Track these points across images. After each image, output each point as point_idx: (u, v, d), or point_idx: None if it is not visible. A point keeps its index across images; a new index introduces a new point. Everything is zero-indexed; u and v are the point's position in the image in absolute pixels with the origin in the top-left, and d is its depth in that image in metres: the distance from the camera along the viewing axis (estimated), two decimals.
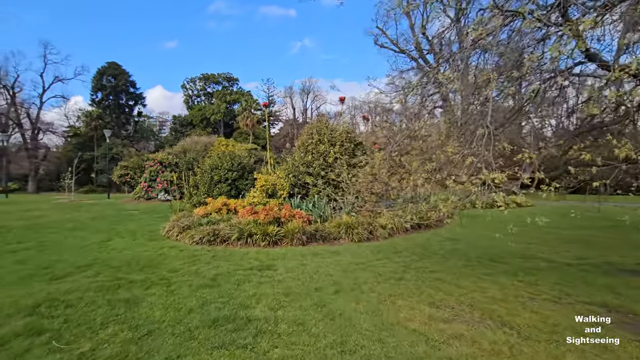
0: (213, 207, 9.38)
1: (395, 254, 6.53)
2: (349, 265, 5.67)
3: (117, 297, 3.88)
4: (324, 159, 9.78)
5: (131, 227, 9.55)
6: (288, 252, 6.61)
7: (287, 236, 7.50)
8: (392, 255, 6.40)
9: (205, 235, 7.32)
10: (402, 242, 7.96)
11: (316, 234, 7.79)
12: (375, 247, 7.31)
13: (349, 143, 9.96)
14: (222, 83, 56.26)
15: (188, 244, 7.27)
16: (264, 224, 7.68)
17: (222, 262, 5.69)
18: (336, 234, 8.07)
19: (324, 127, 10.47)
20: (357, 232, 8.06)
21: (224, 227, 7.69)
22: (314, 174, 9.78)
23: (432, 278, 4.94)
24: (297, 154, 10.54)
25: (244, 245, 7.17)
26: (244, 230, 7.36)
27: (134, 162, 21.17)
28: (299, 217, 8.07)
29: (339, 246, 7.41)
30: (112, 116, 57.42)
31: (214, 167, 10.91)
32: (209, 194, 10.71)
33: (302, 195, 10.01)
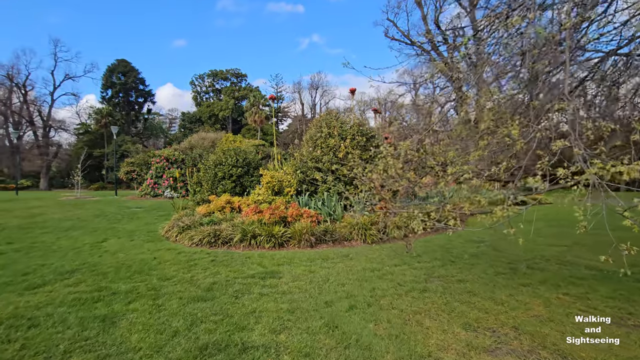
0: (216, 205, 8.81)
1: (415, 259, 5.85)
2: (364, 272, 5.01)
3: (92, 314, 3.30)
4: (334, 153, 9.11)
5: (131, 227, 9.05)
6: (295, 256, 5.98)
7: (294, 237, 6.88)
8: (411, 260, 5.72)
9: (205, 237, 6.74)
10: (420, 244, 7.25)
11: (326, 235, 7.15)
12: (390, 249, 6.63)
13: (361, 136, 9.27)
14: (231, 79, 55.92)
15: (187, 246, 6.70)
16: (269, 224, 7.07)
17: (221, 268, 5.09)
18: (347, 235, 7.42)
19: (333, 120, 9.79)
20: (370, 233, 7.40)
21: (226, 227, 7.10)
22: (323, 169, 9.12)
23: (461, 289, 4.25)
24: (305, 149, 9.89)
25: (246, 248, 6.57)
26: (247, 231, 6.76)
27: (140, 158, 20.81)
28: (307, 217, 7.44)
29: (350, 249, 6.75)
30: (122, 113, 57.68)
31: (217, 163, 10.35)
32: (213, 192, 10.16)
33: (310, 192, 9.37)
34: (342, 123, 9.69)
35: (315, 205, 8.85)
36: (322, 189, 9.12)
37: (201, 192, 10.54)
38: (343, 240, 7.33)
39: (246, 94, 51.12)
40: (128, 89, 57.40)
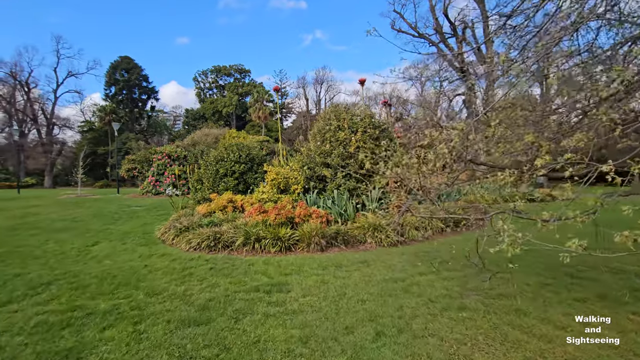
0: (217, 204, 8.15)
1: (441, 265, 5.13)
2: (385, 283, 4.31)
3: (54, 348, 2.63)
4: (344, 148, 8.39)
5: (126, 228, 8.42)
6: (304, 262, 5.29)
7: (302, 240, 6.19)
8: (438, 267, 5.00)
9: (204, 240, 6.08)
10: (443, 247, 6.53)
11: (337, 238, 6.45)
12: (411, 253, 5.92)
13: (373, 129, 8.53)
14: (234, 75, 55.25)
15: (184, 250, 6.04)
16: (274, 225, 6.38)
17: (220, 279, 4.41)
18: (361, 237, 6.71)
19: (343, 112, 9.05)
20: (386, 235, 6.68)
21: (228, 229, 6.42)
22: (332, 165, 8.41)
23: (507, 307, 3.53)
24: (312, 143, 9.18)
25: (250, 252, 5.89)
26: (250, 233, 6.08)
27: (141, 155, 20.24)
28: (316, 217, 6.74)
29: (365, 253, 6.05)
30: (125, 110, 57.32)
31: (219, 159, 9.68)
32: (214, 189, 9.50)
33: (318, 190, 8.67)
34: (353, 115, 8.95)
35: (324, 204, 8.15)
36: (331, 186, 8.42)
37: (202, 190, 9.89)
38: (356, 243, 6.63)
39: (250, 90, 50.39)
40: (131, 86, 56.99)
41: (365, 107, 9.11)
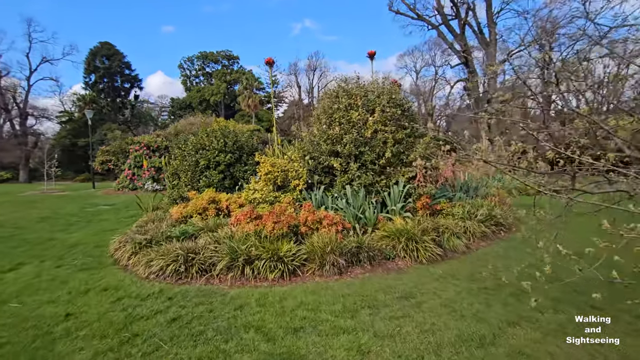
0: (195, 206, 6.25)
1: (522, 296, 3.39)
2: (466, 345, 2.54)
3: None
4: (359, 131, 6.54)
5: (76, 237, 6.48)
6: (320, 299, 3.49)
7: (312, 259, 4.39)
8: (520, 299, 3.27)
9: (171, 262, 4.21)
10: (498, 261, 4.82)
11: (360, 253, 4.66)
12: (464, 276, 4.19)
13: (394, 108, 6.69)
14: (222, 62, 52.45)
15: (141, 278, 4.18)
16: (272, 238, 4.54)
17: (183, 346, 2.58)
18: (390, 251, 4.94)
19: (355, 87, 7.18)
20: (424, 247, 4.92)
21: (207, 243, 4.57)
22: (343, 153, 6.57)
23: None
24: (316, 126, 7.31)
25: (237, 281, 4.06)
26: (238, 251, 4.24)
27: (116, 146, 18.03)
28: (328, 224, 4.92)
29: (401, 276, 4.29)
30: (107, 100, 54.12)
31: (199, 147, 7.75)
32: (193, 186, 7.59)
33: (325, 185, 6.85)
34: (367, 91, 7.09)
35: (334, 204, 6.34)
36: (341, 180, 6.60)
37: (179, 186, 7.98)
38: (384, 260, 4.85)
39: (239, 77, 47.68)
40: (113, 73, 53.78)
41: (384, 79, 7.22)
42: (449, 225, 5.75)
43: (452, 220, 6.11)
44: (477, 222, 6.32)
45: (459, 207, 6.81)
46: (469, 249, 5.63)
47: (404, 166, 6.77)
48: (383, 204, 6.53)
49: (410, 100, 7.03)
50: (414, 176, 6.73)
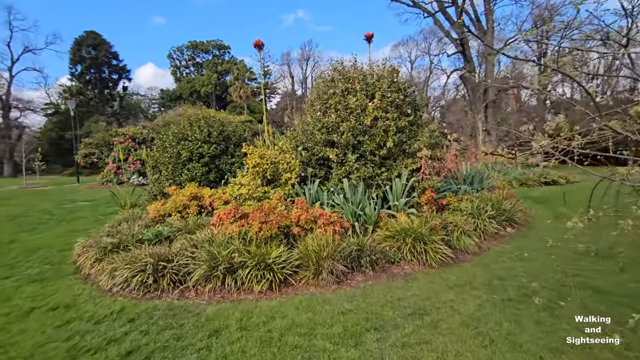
0: (174, 203, 5.57)
1: (560, 308, 2.82)
2: None
3: None
4: (357, 119, 5.88)
5: (41, 240, 5.78)
6: (316, 318, 2.87)
7: (306, 265, 3.76)
8: (561, 319, 2.68)
9: (139, 271, 3.54)
10: (518, 265, 4.24)
11: (361, 257, 4.04)
12: (481, 282, 3.60)
13: (396, 92, 6.03)
14: (213, 52, 51.08)
15: (103, 291, 3.52)
16: (259, 241, 3.90)
17: None
18: (394, 254, 4.33)
19: (351, 70, 6.49)
20: (433, 248, 4.32)
21: (182, 249, 3.91)
22: (340, 144, 5.92)
23: None
24: (309, 114, 6.62)
25: (217, 294, 3.42)
26: (218, 257, 3.58)
27: (99, 138, 17.12)
28: (325, 223, 4.28)
29: (409, 284, 3.69)
30: (94, 92, 52.58)
31: (181, 137, 7.03)
32: (175, 180, 6.90)
33: (320, 178, 6.20)
34: (365, 75, 6.40)
35: (330, 199, 5.70)
36: (338, 173, 5.95)
37: (159, 180, 7.28)
38: (388, 264, 4.25)
39: (230, 67, 46.47)
40: (100, 64, 52.18)
41: (385, 60, 6.53)
42: (458, 223, 5.15)
43: (460, 217, 5.52)
44: (488, 219, 5.75)
45: (467, 201, 6.22)
46: (480, 248, 5.06)
47: (406, 157, 6.14)
48: (384, 199, 5.91)
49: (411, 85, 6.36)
50: (417, 168, 6.12)
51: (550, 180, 14.19)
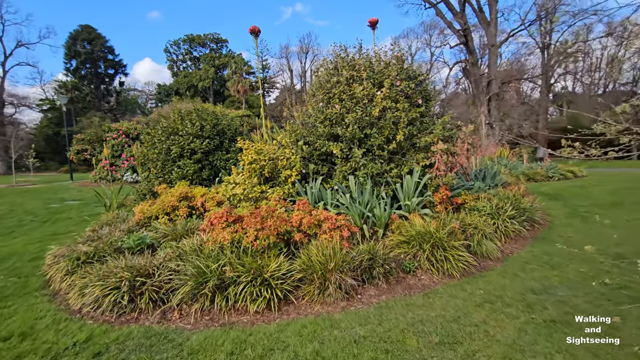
0: (162, 204, 5.02)
1: (618, 331, 2.29)
2: None
3: None
4: (364, 110, 5.31)
5: (13, 245, 5.23)
6: (321, 350, 2.34)
7: (310, 279, 3.22)
8: (626, 345, 2.16)
9: (114, 289, 3.00)
10: (550, 274, 3.71)
11: (372, 268, 3.50)
12: (515, 298, 3.07)
13: (407, 80, 5.45)
14: (210, 45, 50.18)
15: (72, 311, 2.99)
16: (256, 250, 3.36)
17: None
18: (410, 263, 3.80)
19: (357, 57, 5.90)
20: (454, 255, 3.78)
21: (166, 259, 3.37)
22: (345, 137, 5.36)
23: None
24: (311, 105, 6.05)
25: (206, 316, 2.88)
26: (206, 272, 3.04)
27: (91, 134, 16.50)
28: (330, 227, 3.73)
29: (430, 299, 3.15)
30: (90, 87, 51.77)
31: (171, 132, 6.47)
32: (165, 178, 6.34)
33: (323, 176, 5.65)
34: (371, 62, 5.82)
35: (334, 199, 5.16)
36: (342, 169, 5.41)
37: (149, 178, 6.72)
38: (403, 275, 3.71)
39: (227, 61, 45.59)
40: (95, 58, 51.32)
41: (394, 45, 5.93)
42: (478, 225, 4.61)
43: (478, 217, 4.98)
44: (508, 219, 5.22)
45: (484, 199, 5.68)
46: (503, 254, 4.53)
47: (417, 152, 5.58)
48: (393, 197, 5.37)
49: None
50: (430, 164, 5.56)
51: (559, 175, 13.67)
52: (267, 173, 5.26)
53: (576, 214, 6.94)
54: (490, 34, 26.09)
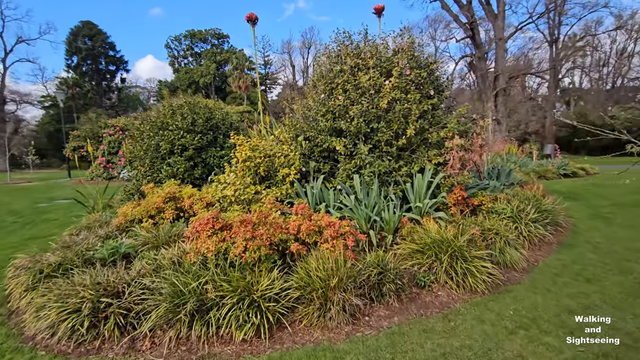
0: (147, 205, 4.52)
1: None
2: None
3: None
4: (370, 101, 4.77)
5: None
6: None
7: (308, 299, 2.71)
8: None
9: (72, 313, 2.50)
10: (587, 289, 3.19)
11: (382, 284, 2.99)
12: (552, 318, 2.53)
13: (418, 69, 4.91)
14: (211, 41, 49.58)
15: (26, 338, 2.51)
16: (245, 263, 2.85)
17: None
18: (422, 275, 3.28)
19: (363, 46, 5.35)
20: (477, 266, 3.26)
21: (139, 274, 2.87)
22: (349, 132, 4.83)
23: None
24: (311, 97, 5.53)
25: (181, 345, 2.38)
26: (184, 291, 2.54)
27: (87, 130, 16.07)
28: (333, 235, 3.21)
29: (452, 323, 2.64)
30: (91, 84, 51.39)
31: (160, 127, 5.98)
32: (154, 176, 5.86)
33: (325, 174, 5.13)
34: (378, 49, 5.27)
35: (336, 200, 4.64)
36: (346, 167, 4.88)
37: (137, 177, 6.24)
38: (416, 287, 3.20)
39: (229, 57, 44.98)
40: (96, 55, 50.88)
41: (405, 30, 5.36)
42: (500, 230, 4.08)
43: (498, 221, 4.44)
44: (531, 223, 4.68)
45: (503, 201, 5.15)
46: (529, 263, 4.00)
47: (428, 148, 5.05)
48: (403, 199, 4.84)
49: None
50: (443, 162, 5.02)
51: (570, 172, 13.09)
52: (262, 172, 4.75)
53: (598, 215, 6.39)
54: (497, 27, 25.33)
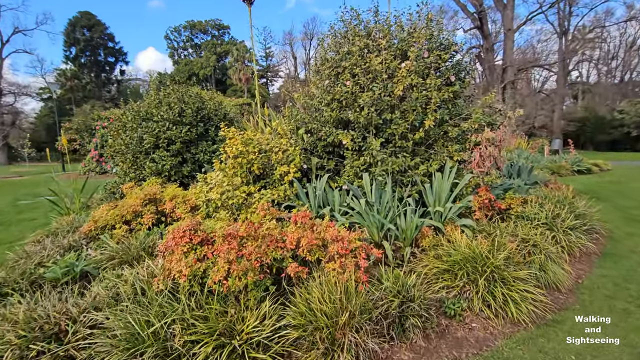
0: (123, 208, 3.87)
1: None
2: None
3: None
4: (383, 87, 4.08)
5: None
6: None
7: (309, 340, 2.05)
8: None
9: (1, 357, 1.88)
10: None
11: (403, 314, 2.33)
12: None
13: (438, 51, 4.21)
14: (211, 32, 48.61)
15: None
16: (230, 291, 2.20)
17: None
18: (452, 301, 2.62)
19: (373, 25, 4.64)
20: (518, 291, 2.59)
21: (94, 302, 2.22)
22: (358, 123, 4.15)
23: None
24: (314, 84, 4.84)
25: None
26: (143, 337, 1.89)
27: (79, 122, 15.40)
28: (341, 253, 2.54)
29: None
30: (90, 75, 50.61)
31: (144, 117, 5.32)
32: (137, 174, 5.21)
33: (329, 172, 4.47)
34: (391, 28, 4.55)
35: (342, 203, 3.97)
36: (353, 164, 4.21)
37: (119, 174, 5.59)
38: (444, 317, 2.55)
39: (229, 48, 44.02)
40: (95, 46, 50.06)
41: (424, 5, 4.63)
42: (538, 241, 3.41)
43: (532, 229, 3.77)
44: (569, 230, 4.01)
45: (535, 204, 4.46)
46: (572, 280, 3.33)
47: (448, 142, 4.36)
48: (418, 202, 4.17)
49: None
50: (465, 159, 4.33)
51: (584, 169, 12.37)
52: (257, 169, 4.07)
53: (631, 218, 5.71)
54: (506, 17, 24.39)
